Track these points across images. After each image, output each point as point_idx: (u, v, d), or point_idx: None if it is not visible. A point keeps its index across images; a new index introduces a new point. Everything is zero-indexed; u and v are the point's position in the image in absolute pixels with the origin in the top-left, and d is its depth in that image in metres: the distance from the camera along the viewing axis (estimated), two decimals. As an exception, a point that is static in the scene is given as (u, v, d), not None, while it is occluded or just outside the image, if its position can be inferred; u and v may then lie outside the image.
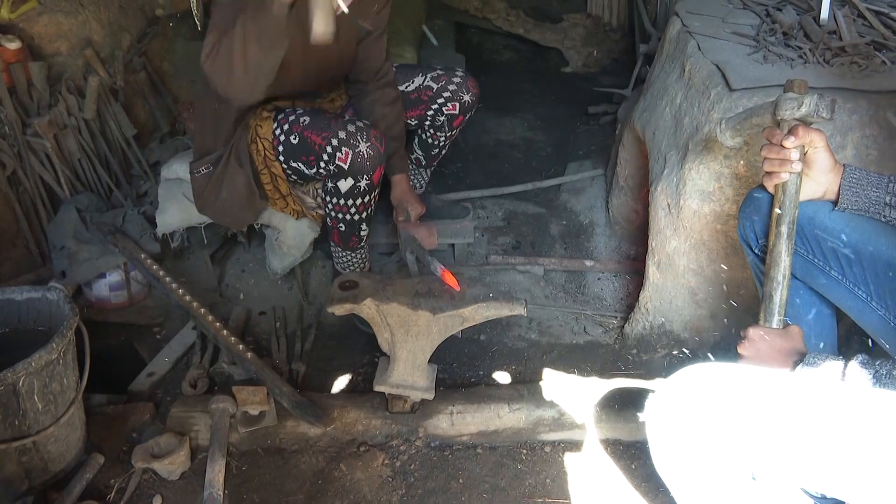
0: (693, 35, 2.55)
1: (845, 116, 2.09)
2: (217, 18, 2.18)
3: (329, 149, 2.29)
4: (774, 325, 1.58)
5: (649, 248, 2.54)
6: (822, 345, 1.81)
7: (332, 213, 2.49)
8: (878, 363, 1.34)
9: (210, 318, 2.48)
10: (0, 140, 2.70)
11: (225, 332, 2.44)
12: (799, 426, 1.27)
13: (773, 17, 2.54)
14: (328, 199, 2.44)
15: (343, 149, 2.28)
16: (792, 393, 1.33)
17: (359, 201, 2.42)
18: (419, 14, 4.74)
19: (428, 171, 3.09)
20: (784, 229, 1.60)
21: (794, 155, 1.58)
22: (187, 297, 2.54)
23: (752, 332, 1.57)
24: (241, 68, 2.07)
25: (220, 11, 2.18)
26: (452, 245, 3.02)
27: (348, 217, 2.48)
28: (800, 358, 1.46)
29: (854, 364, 1.35)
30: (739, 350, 1.58)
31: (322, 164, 2.34)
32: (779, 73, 2.22)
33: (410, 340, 2.13)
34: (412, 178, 3.06)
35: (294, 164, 2.43)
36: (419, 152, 2.98)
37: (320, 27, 1.84)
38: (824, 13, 2.44)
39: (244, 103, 2.34)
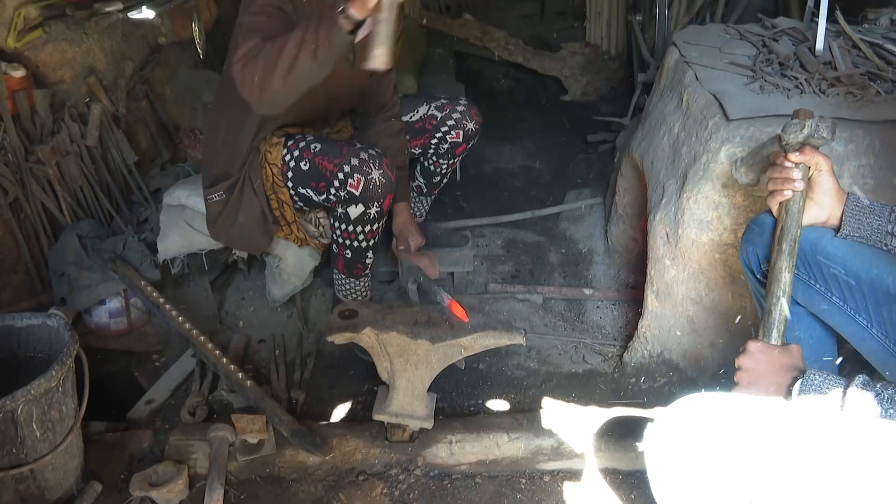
0: (691, 65, 2.58)
1: (841, 146, 2.11)
2: (253, 24, 2.16)
3: (341, 175, 2.30)
4: (773, 341, 1.58)
5: (648, 277, 2.55)
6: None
7: (340, 240, 2.50)
8: (879, 386, 1.34)
9: (209, 345, 2.47)
10: (3, 167, 2.71)
11: (224, 359, 2.43)
12: (798, 456, 1.26)
13: (770, 48, 2.57)
14: (336, 225, 2.45)
15: (355, 175, 2.29)
16: (792, 422, 1.33)
17: (367, 228, 2.43)
18: (419, 43, 4.80)
19: (429, 199, 3.11)
20: (786, 246, 1.63)
21: (797, 174, 1.63)
22: (187, 325, 2.54)
23: (752, 345, 1.56)
24: (281, 76, 2.04)
25: (257, 20, 2.17)
26: (452, 273, 3.03)
27: (355, 244, 2.49)
28: (799, 374, 1.45)
29: (854, 388, 1.35)
30: (737, 363, 1.56)
31: (332, 191, 2.34)
32: (775, 102, 2.24)
33: (410, 369, 2.13)
34: (413, 205, 3.08)
35: (302, 191, 2.43)
36: (420, 180, 3.00)
37: (382, 54, 1.88)
38: (820, 44, 2.46)
39: (263, 111, 2.28)
